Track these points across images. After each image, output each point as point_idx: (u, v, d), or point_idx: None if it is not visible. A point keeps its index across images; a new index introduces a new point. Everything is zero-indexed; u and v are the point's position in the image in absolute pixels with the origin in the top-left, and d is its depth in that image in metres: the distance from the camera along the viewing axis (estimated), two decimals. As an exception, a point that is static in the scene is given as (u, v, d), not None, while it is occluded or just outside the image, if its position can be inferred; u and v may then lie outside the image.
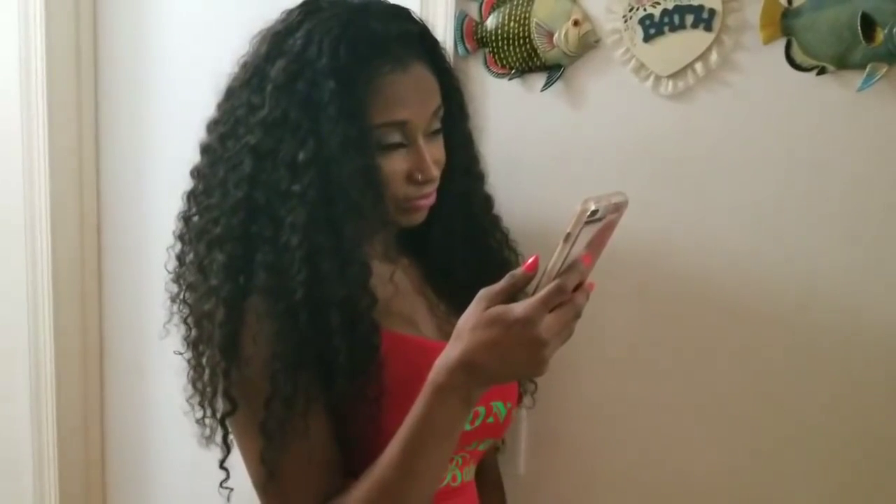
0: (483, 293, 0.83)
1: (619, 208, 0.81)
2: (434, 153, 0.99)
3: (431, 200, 1.01)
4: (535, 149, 1.21)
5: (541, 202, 1.18)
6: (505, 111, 1.22)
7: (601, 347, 1.20)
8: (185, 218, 1.02)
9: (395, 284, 1.02)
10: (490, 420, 1.04)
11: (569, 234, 0.78)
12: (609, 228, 0.83)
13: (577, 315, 0.82)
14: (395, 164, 0.96)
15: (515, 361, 0.81)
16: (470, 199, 1.09)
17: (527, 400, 1.20)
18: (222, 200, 0.95)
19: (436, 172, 0.99)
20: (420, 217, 1.01)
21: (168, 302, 1.06)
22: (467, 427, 1.00)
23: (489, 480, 1.25)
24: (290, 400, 0.89)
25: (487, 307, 0.82)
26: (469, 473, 1.08)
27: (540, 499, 1.29)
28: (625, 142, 1.14)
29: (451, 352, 0.83)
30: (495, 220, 1.14)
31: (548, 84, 1.18)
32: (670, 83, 1.10)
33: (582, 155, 1.17)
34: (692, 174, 1.10)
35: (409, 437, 0.86)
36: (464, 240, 1.09)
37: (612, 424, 1.21)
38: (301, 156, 0.90)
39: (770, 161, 1.06)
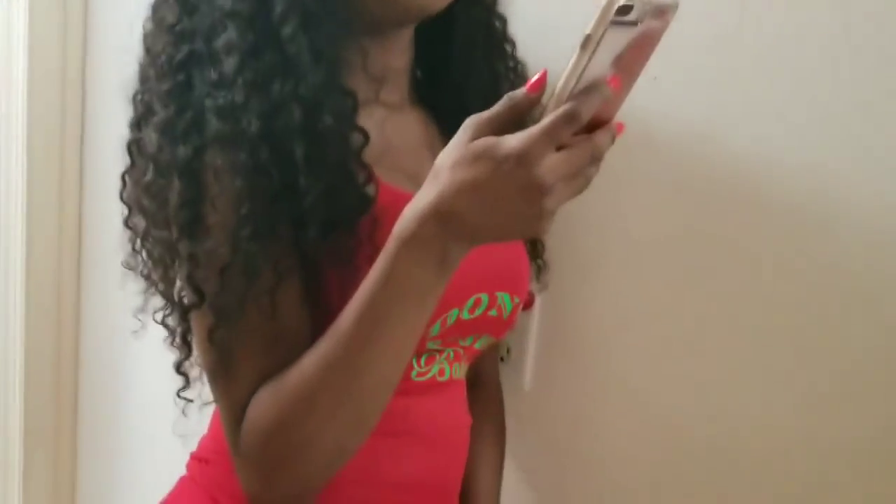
0: (470, 121, 0.64)
1: (662, 13, 0.59)
2: None
3: None
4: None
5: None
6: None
7: (628, 240, 1.02)
8: (132, 145, 0.82)
9: (399, 131, 0.86)
10: (493, 313, 0.88)
11: (588, 38, 0.56)
12: (647, 43, 0.61)
13: (596, 158, 0.62)
14: None
15: (507, 211, 0.62)
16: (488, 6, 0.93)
17: (540, 281, 1.03)
18: (161, 76, 0.77)
19: None
20: None
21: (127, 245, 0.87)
22: (465, 316, 0.85)
23: (487, 390, 1.09)
24: (253, 271, 0.72)
25: (474, 138, 0.63)
26: (459, 371, 0.92)
27: (545, 418, 1.13)
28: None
29: (424, 195, 0.65)
30: (513, 45, 0.97)
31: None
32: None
33: None
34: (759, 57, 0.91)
35: (369, 300, 0.68)
36: (483, 59, 0.93)
37: (636, 338, 1.04)
38: None
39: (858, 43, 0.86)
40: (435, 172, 0.65)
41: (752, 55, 0.90)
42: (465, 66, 0.92)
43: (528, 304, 1.11)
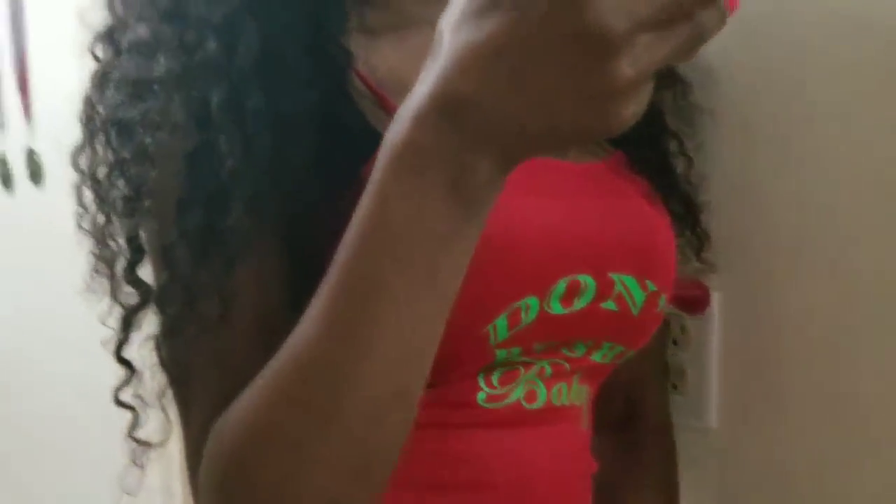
0: None
1: None
2: None
3: None
4: None
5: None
6: None
7: (849, 209, 0.69)
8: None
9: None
10: (608, 306, 0.59)
11: None
12: None
13: None
14: None
15: (555, 84, 0.35)
16: None
17: (700, 261, 0.73)
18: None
19: None
20: None
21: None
22: (555, 308, 0.57)
23: (647, 430, 0.79)
24: (177, 255, 0.51)
25: None
26: (567, 396, 0.61)
27: (740, 465, 0.80)
28: None
29: (422, 84, 0.39)
30: None
31: None
32: None
33: None
34: None
35: (352, 261, 0.42)
36: None
37: (862, 348, 0.69)
38: None
39: None
40: (435, 45, 0.39)
41: None
42: None
43: (702, 305, 0.79)
